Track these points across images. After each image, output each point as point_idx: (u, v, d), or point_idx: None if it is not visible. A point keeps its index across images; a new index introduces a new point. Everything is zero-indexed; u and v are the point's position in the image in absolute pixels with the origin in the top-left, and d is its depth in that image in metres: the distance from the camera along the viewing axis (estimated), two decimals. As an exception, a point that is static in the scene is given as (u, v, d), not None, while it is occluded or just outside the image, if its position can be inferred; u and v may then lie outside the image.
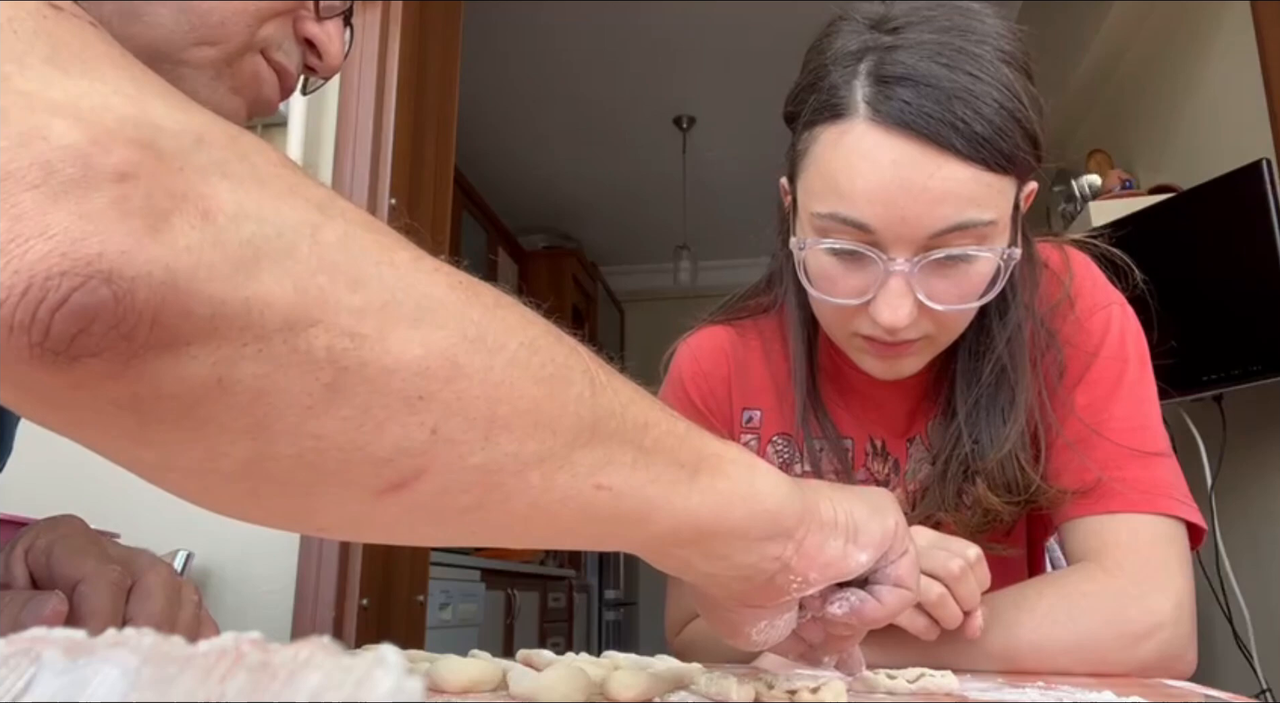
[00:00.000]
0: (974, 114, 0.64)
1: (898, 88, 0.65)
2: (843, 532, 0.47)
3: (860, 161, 0.66)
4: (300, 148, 1.60)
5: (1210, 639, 2.17)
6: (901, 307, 0.68)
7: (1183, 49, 2.50)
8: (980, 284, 0.70)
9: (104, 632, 0.20)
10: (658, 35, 3.34)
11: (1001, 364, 0.77)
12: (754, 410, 0.89)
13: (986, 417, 0.77)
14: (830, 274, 0.71)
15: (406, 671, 0.18)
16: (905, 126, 0.64)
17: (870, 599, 0.51)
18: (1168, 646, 0.68)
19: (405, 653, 0.56)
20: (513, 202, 4.56)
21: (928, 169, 0.64)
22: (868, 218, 0.66)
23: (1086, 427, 0.76)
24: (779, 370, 0.87)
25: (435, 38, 1.86)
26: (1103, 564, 0.71)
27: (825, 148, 0.69)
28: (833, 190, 0.68)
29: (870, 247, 0.67)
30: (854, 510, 0.48)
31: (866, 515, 0.48)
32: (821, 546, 0.45)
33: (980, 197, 0.65)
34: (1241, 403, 2.11)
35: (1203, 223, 2.07)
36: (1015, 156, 0.66)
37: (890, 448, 0.85)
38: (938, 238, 0.66)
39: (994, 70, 0.65)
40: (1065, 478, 0.76)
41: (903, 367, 0.75)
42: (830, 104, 0.68)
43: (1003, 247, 0.69)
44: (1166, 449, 0.76)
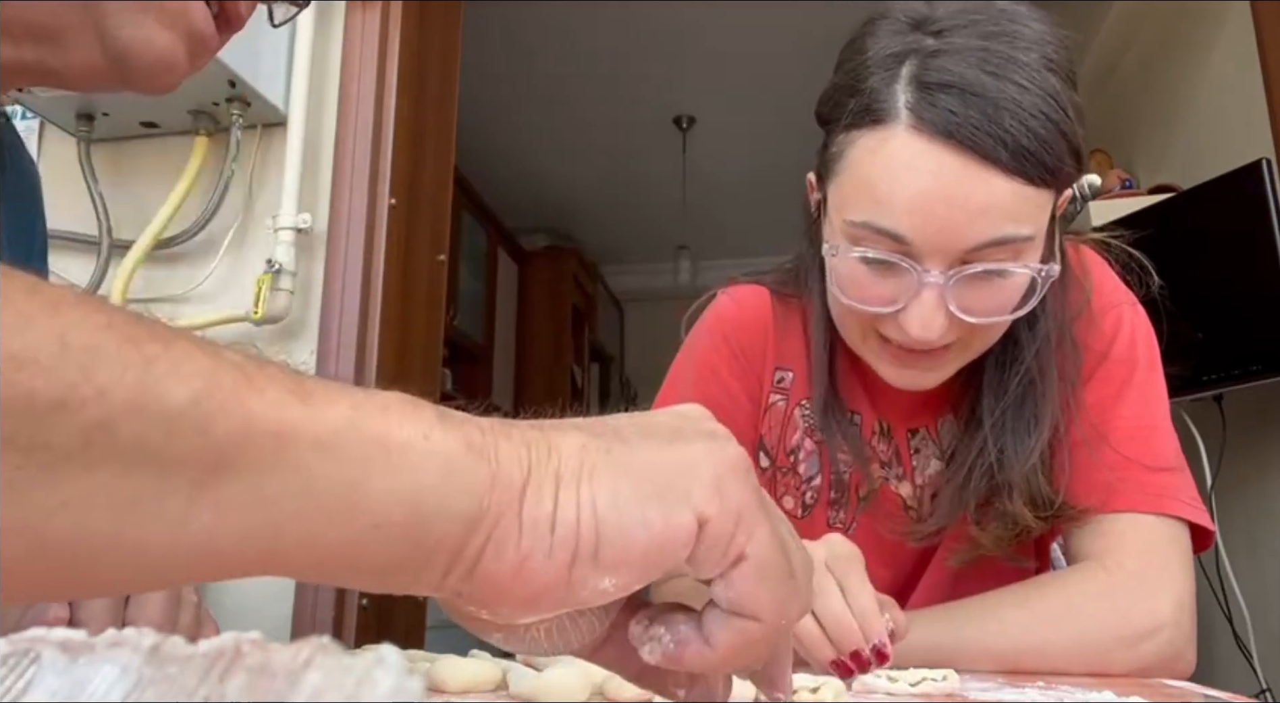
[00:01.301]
0: (1020, 127, 0.61)
1: (942, 95, 0.62)
2: (565, 543, 0.27)
3: (901, 171, 0.64)
4: (300, 148, 1.60)
5: (1210, 639, 2.17)
6: (934, 320, 0.66)
7: (1183, 49, 2.50)
8: (1014, 296, 0.68)
9: (104, 632, 0.20)
10: (658, 35, 3.34)
11: (1030, 376, 0.75)
12: (787, 371, 0.87)
13: (1012, 428, 0.75)
14: (861, 281, 0.69)
15: (406, 671, 0.18)
16: (949, 137, 0.62)
17: (693, 637, 0.31)
18: (1168, 646, 0.68)
19: (405, 653, 0.56)
20: (513, 202, 4.56)
21: (971, 183, 0.62)
22: (904, 229, 0.64)
23: (1093, 426, 0.76)
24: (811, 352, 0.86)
25: (435, 38, 1.86)
26: (1104, 564, 0.71)
27: (863, 153, 0.66)
28: (870, 198, 0.66)
29: (904, 257, 0.66)
30: (605, 499, 0.28)
31: (633, 507, 0.28)
32: (517, 568, 0.27)
33: (1020, 212, 0.64)
34: (1241, 403, 2.11)
35: (1203, 223, 2.07)
36: (1056, 168, 0.64)
37: (894, 433, 0.85)
38: (974, 252, 0.65)
39: (1041, 79, 0.63)
40: (1072, 476, 0.76)
41: (925, 379, 0.74)
42: (870, 109, 0.66)
43: (1038, 263, 0.67)
44: (1174, 450, 0.76)
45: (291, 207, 1.57)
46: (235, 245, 1.62)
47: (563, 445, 0.29)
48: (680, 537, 0.29)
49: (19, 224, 0.70)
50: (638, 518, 0.28)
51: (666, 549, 0.29)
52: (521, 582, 0.27)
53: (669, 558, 0.29)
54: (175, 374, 0.22)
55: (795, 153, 0.95)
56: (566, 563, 0.28)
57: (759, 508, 0.30)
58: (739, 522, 0.29)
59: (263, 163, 1.65)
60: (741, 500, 0.30)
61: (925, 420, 0.84)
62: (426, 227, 1.80)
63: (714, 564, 0.30)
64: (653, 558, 0.29)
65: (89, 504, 0.21)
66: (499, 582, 0.27)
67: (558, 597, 0.28)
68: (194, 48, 0.55)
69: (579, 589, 0.28)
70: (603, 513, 0.28)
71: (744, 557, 0.30)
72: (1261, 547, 2.14)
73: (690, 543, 0.29)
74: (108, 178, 1.64)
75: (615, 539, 0.28)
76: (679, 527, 0.28)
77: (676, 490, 0.29)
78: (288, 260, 1.55)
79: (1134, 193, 2.50)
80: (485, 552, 0.27)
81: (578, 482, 0.28)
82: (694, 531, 0.29)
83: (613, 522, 0.28)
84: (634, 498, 0.28)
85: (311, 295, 1.60)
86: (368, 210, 1.60)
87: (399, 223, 1.66)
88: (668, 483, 0.29)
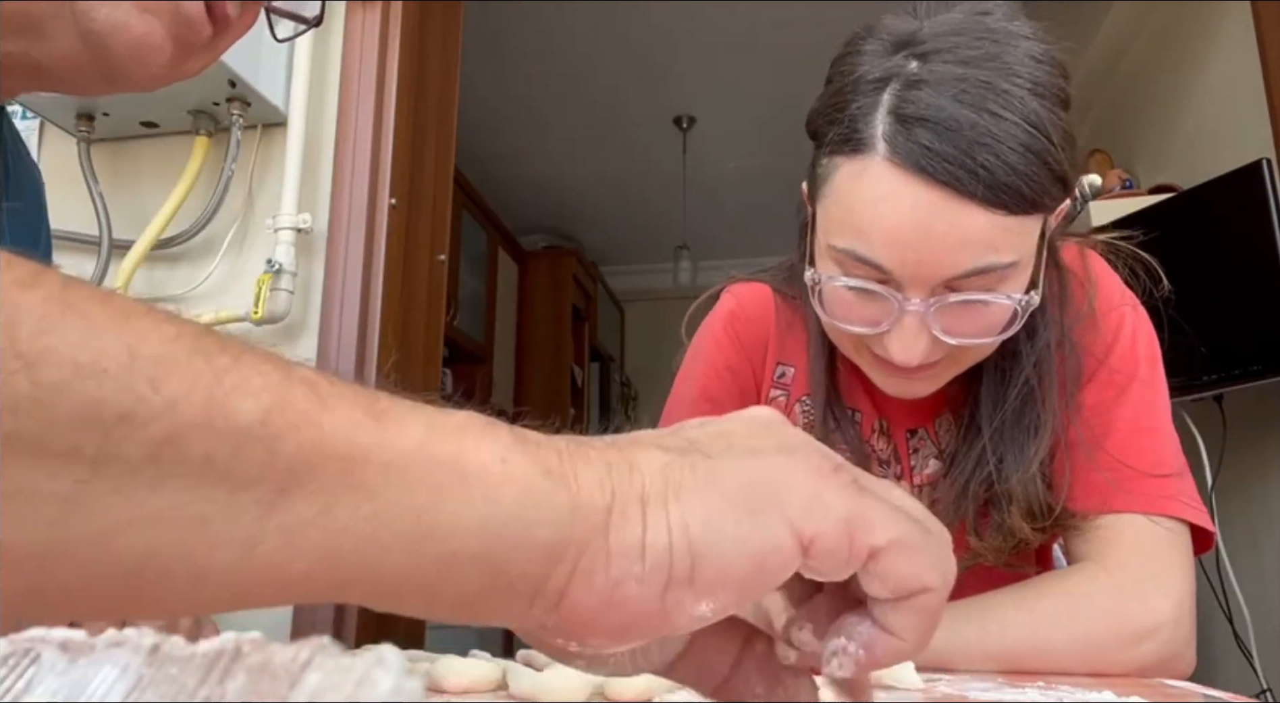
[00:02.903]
0: (996, 160, 0.61)
1: (918, 129, 0.62)
2: (658, 567, 0.26)
3: (879, 204, 0.64)
4: (300, 148, 1.60)
5: (1210, 639, 2.17)
6: (916, 346, 0.67)
7: (1183, 49, 2.50)
8: (999, 321, 0.68)
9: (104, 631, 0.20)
10: (658, 35, 3.34)
11: (1029, 386, 0.76)
12: (788, 367, 0.88)
13: (1011, 437, 0.76)
14: (846, 302, 0.70)
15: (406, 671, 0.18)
16: (923, 171, 0.62)
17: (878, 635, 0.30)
18: (1168, 646, 0.68)
19: (405, 653, 0.56)
20: (513, 202, 4.56)
21: (947, 216, 0.62)
22: (884, 259, 0.65)
23: (1093, 428, 0.76)
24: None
25: (435, 38, 1.86)
26: (1104, 564, 0.71)
27: (845, 181, 0.67)
28: (850, 227, 0.67)
29: (885, 286, 0.67)
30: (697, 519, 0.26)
31: (728, 526, 0.27)
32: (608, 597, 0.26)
33: (1000, 241, 0.64)
34: (1241, 403, 2.11)
35: (1203, 223, 2.07)
36: (1039, 199, 0.64)
37: (893, 432, 0.85)
38: (955, 281, 0.65)
39: (1022, 107, 0.62)
40: (1072, 479, 0.76)
41: (918, 389, 0.74)
42: (850, 138, 0.66)
43: (1022, 290, 0.67)
44: (1175, 452, 0.76)
45: (291, 207, 1.57)
46: (235, 245, 1.62)
47: (645, 465, 0.27)
48: (780, 556, 0.27)
49: (23, 224, 0.70)
50: (733, 536, 0.27)
51: (766, 568, 0.27)
52: (613, 612, 0.26)
53: (770, 578, 0.27)
54: (244, 389, 0.22)
55: (795, 153, 0.95)
56: (660, 589, 0.26)
57: (864, 498, 0.28)
58: (851, 527, 0.28)
59: (263, 163, 1.65)
60: (845, 507, 0.28)
61: (924, 420, 0.84)
62: (426, 227, 1.80)
63: (841, 570, 0.28)
64: (752, 578, 0.27)
65: (156, 522, 0.21)
66: (588, 613, 0.26)
67: (652, 626, 0.27)
68: (180, 34, 0.53)
69: (675, 616, 0.27)
70: (696, 534, 0.26)
71: (877, 550, 0.28)
72: (1261, 547, 2.14)
73: (791, 562, 0.27)
74: (108, 178, 1.64)
75: (712, 561, 0.26)
76: (777, 545, 0.27)
77: (770, 507, 0.27)
78: (288, 260, 1.55)
79: (1134, 193, 2.50)
80: (572, 583, 0.26)
81: (665, 503, 0.27)
82: (795, 549, 0.27)
83: (708, 542, 0.26)
84: (728, 516, 0.27)
85: (311, 295, 1.60)
86: (368, 210, 1.60)
87: (399, 223, 1.66)
88: (760, 499, 0.27)
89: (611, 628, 0.26)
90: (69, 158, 1.61)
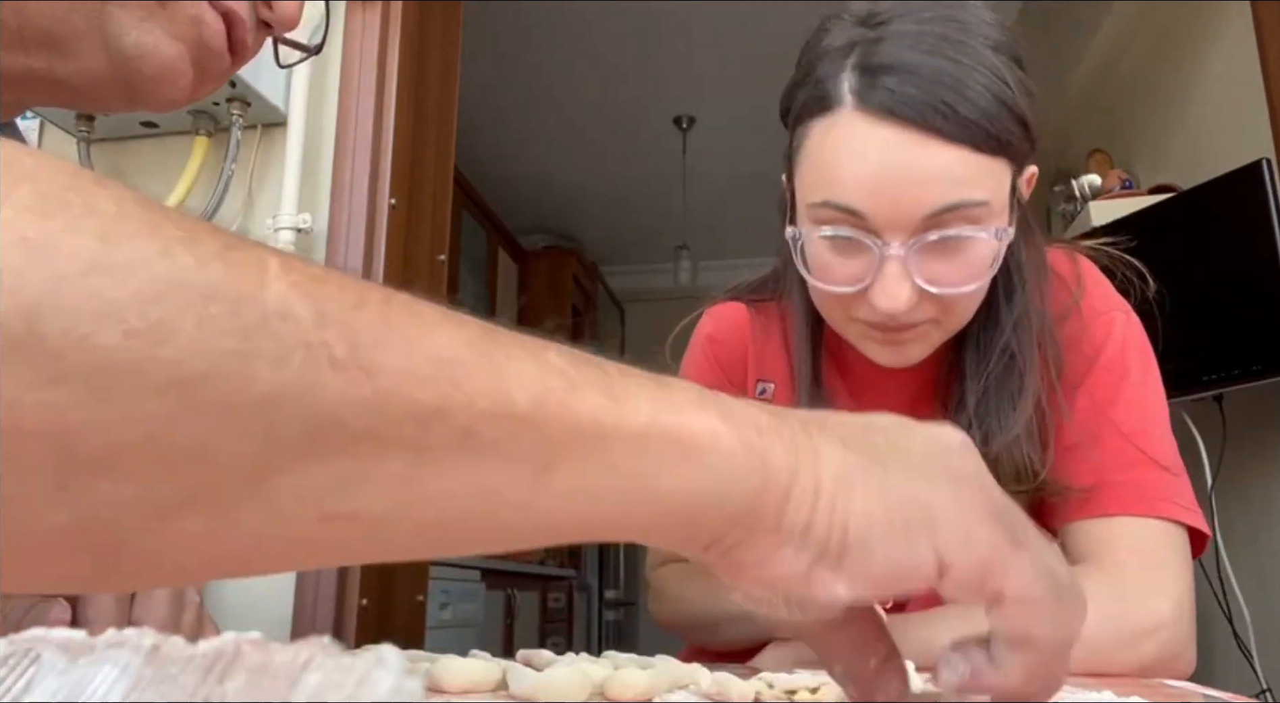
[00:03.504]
0: (958, 97, 0.65)
1: (883, 77, 0.66)
2: (814, 546, 0.31)
3: (848, 150, 0.67)
4: (300, 148, 1.60)
5: (1210, 639, 2.17)
6: (899, 292, 0.68)
7: (1183, 49, 2.50)
8: (980, 267, 0.69)
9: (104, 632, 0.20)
10: (658, 35, 3.34)
11: (1010, 351, 0.76)
12: (768, 384, 0.90)
13: (995, 403, 0.76)
14: (827, 262, 0.71)
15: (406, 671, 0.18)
16: (890, 113, 0.65)
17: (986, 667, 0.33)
18: (1167, 646, 0.68)
19: (405, 653, 0.56)
20: (513, 202, 4.56)
21: (915, 152, 0.65)
22: (858, 203, 0.67)
23: (1087, 432, 0.76)
24: (793, 349, 0.88)
25: (435, 38, 1.86)
26: (1103, 565, 0.71)
27: (815, 140, 0.70)
28: (824, 180, 0.69)
29: (864, 232, 0.68)
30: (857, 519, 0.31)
31: (882, 533, 0.31)
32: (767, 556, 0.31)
33: (970, 178, 0.66)
34: (1241, 403, 2.11)
35: (1203, 223, 2.07)
36: (1004, 138, 0.66)
37: None
38: (931, 220, 0.66)
39: (979, 56, 0.66)
40: (1068, 483, 0.76)
41: (909, 353, 0.74)
42: (818, 98, 0.70)
43: (999, 226, 0.69)
44: (1170, 454, 0.76)
45: (291, 207, 1.57)
46: (235, 245, 1.62)
47: (827, 457, 0.32)
48: (919, 573, 0.31)
49: None
50: (882, 544, 0.31)
51: (903, 578, 0.31)
52: (766, 567, 0.31)
53: (905, 586, 0.32)
54: (519, 383, 0.27)
55: (795, 153, 0.95)
56: (810, 562, 0.31)
57: (1012, 547, 0.32)
58: (988, 569, 0.31)
59: (263, 163, 1.65)
60: (991, 546, 0.31)
61: (916, 418, 0.84)
62: (426, 227, 1.80)
63: (970, 598, 0.32)
64: (889, 581, 0.31)
65: (465, 492, 0.26)
66: (745, 566, 0.31)
67: (795, 589, 0.31)
68: (202, 60, 0.54)
69: (815, 587, 0.31)
70: (852, 533, 0.31)
71: (1004, 597, 0.32)
72: (1262, 547, 2.14)
73: (929, 580, 0.31)
74: (108, 178, 1.64)
75: (859, 557, 0.31)
76: (919, 563, 0.31)
77: (921, 529, 0.31)
78: (288, 260, 1.55)
79: (1134, 193, 2.50)
80: (742, 542, 0.31)
81: (835, 498, 0.31)
82: (933, 570, 0.31)
83: (859, 543, 0.31)
84: (882, 526, 0.31)
85: (311, 295, 1.60)
86: (368, 210, 1.60)
87: (399, 223, 1.66)
88: (915, 518, 0.31)
89: (759, 581, 0.32)
90: (69, 157, 1.61)
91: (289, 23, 0.58)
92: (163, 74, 0.52)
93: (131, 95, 0.53)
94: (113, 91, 0.53)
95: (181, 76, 0.53)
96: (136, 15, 0.50)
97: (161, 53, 0.52)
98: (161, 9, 0.51)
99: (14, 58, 0.50)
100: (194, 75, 0.54)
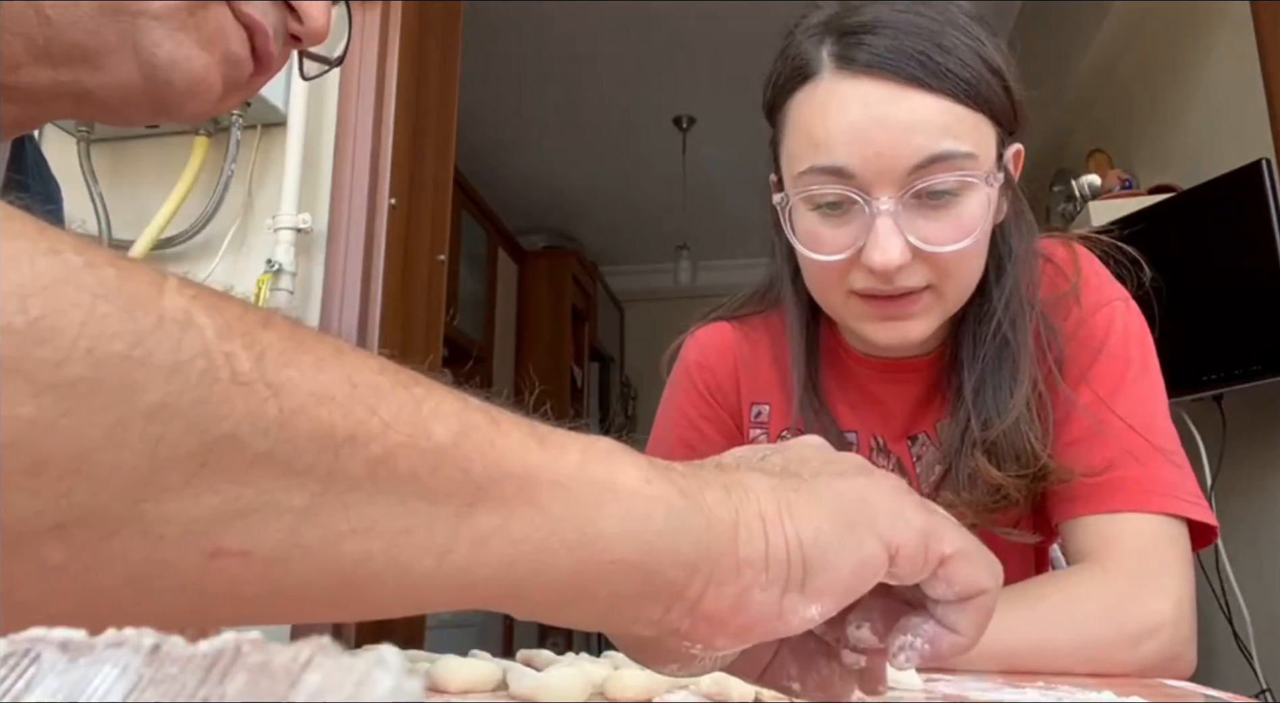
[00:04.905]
0: (937, 48, 0.66)
1: (862, 36, 0.68)
2: (778, 576, 0.30)
3: (833, 110, 0.68)
4: (300, 148, 1.60)
5: (1210, 639, 2.17)
6: (892, 246, 0.67)
7: (1183, 49, 2.50)
8: (972, 224, 0.69)
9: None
10: (658, 35, 3.34)
11: (1002, 333, 0.76)
12: (763, 405, 0.88)
13: (992, 387, 0.76)
14: (819, 233, 0.71)
15: (406, 671, 0.18)
16: (870, 68, 0.67)
17: (941, 633, 0.35)
18: (1168, 646, 0.68)
19: (405, 653, 0.56)
20: (513, 202, 4.56)
21: (897, 103, 0.66)
22: (845, 160, 0.67)
23: (1089, 424, 0.75)
24: (785, 365, 0.87)
25: (435, 38, 1.86)
26: (1103, 564, 0.71)
27: (799, 110, 0.71)
28: (809, 145, 0.69)
29: (853, 189, 0.68)
30: (808, 534, 0.31)
31: (833, 540, 0.31)
32: (735, 602, 0.30)
33: (953, 127, 0.67)
34: (1241, 403, 2.11)
35: (1203, 223, 2.07)
36: (985, 94, 0.68)
37: (891, 445, 0.85)
38: (918, 171, 0.67)
39: (955, 18, 0.68)
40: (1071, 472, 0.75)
41: (909, 330, 0.73)
42: (797, 68, 0.71)
43: (988, 171, 0.69)
44: (1173, 446, 0.75)
45: (291, 207, 1.57)
46: (235, 245, 1.62)
47: (755, 487, 0.32)
48: (874, 565, 0.32)
49: None
50: (837, 549, 0.31)
51: (863, 575, 0.32)
52: (739, 614, 0.30)
53: (865, 583, 0.32)
54: (438, 414, 0.25)
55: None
56: (779, 595, 0.30)
57: (933, 514, 0.34)
58: (928, 538, 0.33)
59: (263, 163, 1.65)
60: (922, 520, 0.33)
61: (924, 426, 0.84)
62: (426, 226, 1.80)
63: (919, 575, 0.33)
64: (852, 584, 0.32)
65: (372, 531, 0.23)
66: (719, 616, 0.30)
67: (770, 626, 0.31)
68: (230, 73, 0.54)
69: (789, 618, 0.31)
70: (808, 546, 0.31)
71: (947, 557, 0.33)
72: (1262, 547, 2.14)
73: (882, 568, 0.32)
74: (108, 178, 1.64)
75: (821, 570, 0.31)
76: (873, 555, 0.32)
77: (864, 523, 0.32)
78: (288, 260, 1.55)
79: (1134, 193, 2.50)
80: (707, 590, 0.29)
81: (781, 519, 0.31)
82: (885, 558, 0.32)
83: (818, 553, 0.31)
84: (833, 532, 0.31)
85: (311, 295, 1.60)
86: (368, 210, 1.60)
87: (399, 223, 1.66)
88: (855, 517, 0.32)
89: (738, 629, 0.31)
90: (69, 157, 1.61)
91: (318, 36, 0.57)
92: (192, 87, 0.52)
93: (159, 108, 0.53)
94: (140, 104, 0.53)
95: (210, 89, 0.53)
96: (169, 26, 0.50)
97: (192, 65, 0.52)
98: (190, 19, 0.51)
99: (41, 71, 0.50)
100: (222, 88, 0.54)
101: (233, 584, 0.22)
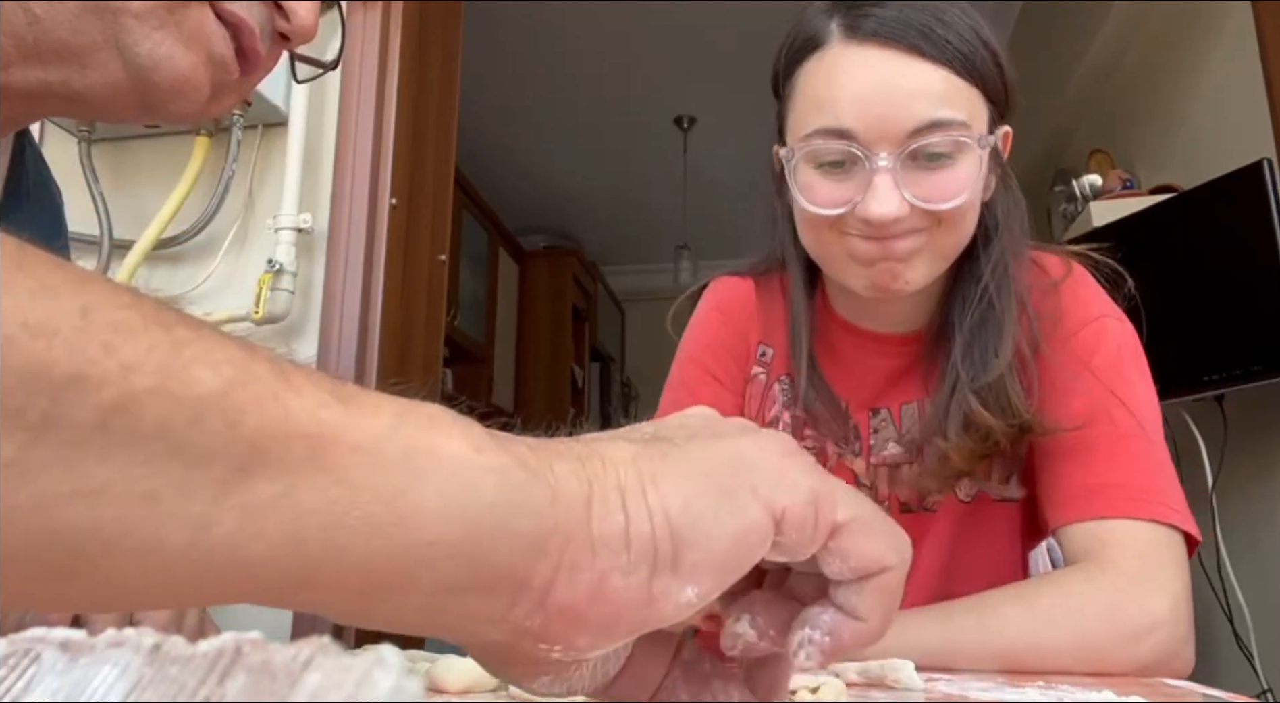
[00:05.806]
0: (939, 22, 0.71)
1: (869, 8, 0.72)
2: (643, 555, 0.26)
3: (839, 75, 0.73)
4: (300, 148, 1.61)
5: (1211, 639, 2.17)
6: (890, 199, 0.71)
7: (1183, 49, 2.50)
8: (965, 182, 0.73)
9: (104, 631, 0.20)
10: (658, 35, 3.34)
11: (989, 295, 0.79)
12: (769, 347, 0.93)
13: (979, 350, 0.79)
14: (820, 187, 0.75)
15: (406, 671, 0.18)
16: (876, 37, 0.71)
17: (841, 621, 0.30)
18: (1165, 645, 0.68)
19: (405, 653, 0.56)
20: (513, 202, 4.56)
21: (900, 70, 0.71)
22: (848, 121, 0.71)
23: (1081, 436, 0.76)
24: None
25: (435, 38, 1.86)
26: (1100, 565, 0.72)
27: (807, 78, 0.76)
28: (815, 108, 0.74)
29: (854, 145, 0.72)
30: (675, 503, 0.26)
31: (707, 508, 0.27)
32: (593, 590, 0.25)
33: (951, 97, 0.71)
34: (1241, 403, 2.11)
35: (1203, 223, 2.07)
36: (982, 70, 0.72)
37: (853, 412, 0.88)
38: (916, 135, 0.71)
39: (957, 9, 0.73)
40: (1063, 482, 0.76)
41: (902, 277, 0.75)
42: (807, 39, 0.76)
43: (981, 134, 0.73)
44: (1163, 458, 0.76)
45: (292, 207, 1.58)
46: (236, 245, 1.62)
47: (615, 456, 0.27)
48: (757, 532, 0.27)
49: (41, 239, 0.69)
50: (712, 517, 0.26)
51: (745, 546, 0.27)
52: (601, 605, 0.25)
53: (748, 556, 0.27)
54: (205, 360, 0.20)
55: (796, 153, 0.97)
56: (646, 578, 0.26)
57: (826, 479, 0.29)
58: (817, 501, 0.28)
59: (263, 163, 1.65)
60: (810, 483, 0.28)
61: (888, 402, 0.87)
62: (426, 227, 1.80)
63: (808, 545, 0.28)
64: (733, 558, 0.27)
65: (103, 494, 0.19)
66: (575, 609, 0.25)
67: (640, 617, 0.26)
68: (216, 74, 0.54)
69: (661, 604, 0.26)
70: (676, 518, 0.26)
71: (840, 524, 0.28)
72: (1262, 547, 2.14)
73: (767, 538, 0.27)
74: (109, 178, 1.64)
75: (694, 543, 0.26)
76: (754, 522, 0.27)
77: (742, 487, 0.27)
78: (288, 260, 1.55)
79: (1134, 193, 2.50)
80: (558, 578, 0.25)
81: (643, 490, 0.26)
82: (769, 525, 0.27)
83: (688, 525, 0.26)
84: (704, 499, 0.27)
85: (312, 295, 1.60)
86: (368, 210, 1.61)
87: (399, 223, 1.67)
88: (731, 480, 0.27)
89: (600, 623, 0.26)
90: (70, 157, 1.61)
91: (306, 34, 0.57)
92: (178, 86, 0.52)
93: (147, 107, 0.53)
94: (128, 103, 0.53)
95: (197, 89, 0.53)
96: (149, 25, 0.50)
97: (176, 64, 0.52)
98: (170, 17, 0.51)
99: (30, 71, 0.50)
100: (210, 88, 0.54)
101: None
